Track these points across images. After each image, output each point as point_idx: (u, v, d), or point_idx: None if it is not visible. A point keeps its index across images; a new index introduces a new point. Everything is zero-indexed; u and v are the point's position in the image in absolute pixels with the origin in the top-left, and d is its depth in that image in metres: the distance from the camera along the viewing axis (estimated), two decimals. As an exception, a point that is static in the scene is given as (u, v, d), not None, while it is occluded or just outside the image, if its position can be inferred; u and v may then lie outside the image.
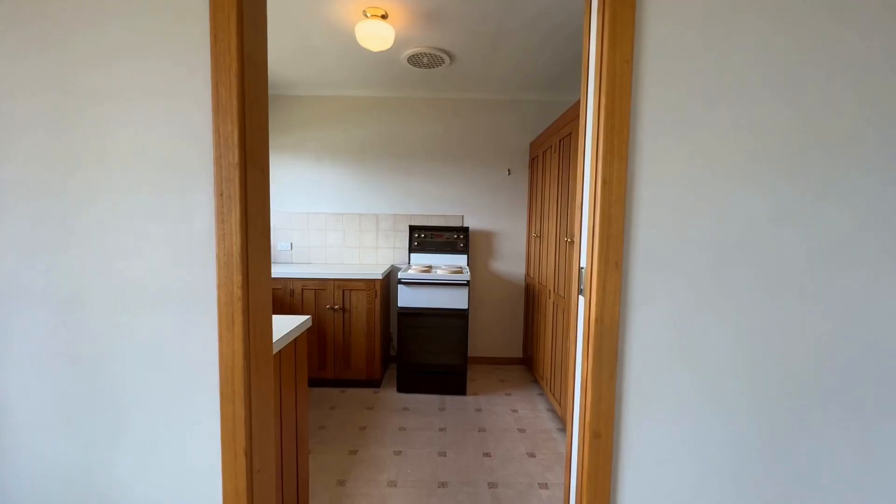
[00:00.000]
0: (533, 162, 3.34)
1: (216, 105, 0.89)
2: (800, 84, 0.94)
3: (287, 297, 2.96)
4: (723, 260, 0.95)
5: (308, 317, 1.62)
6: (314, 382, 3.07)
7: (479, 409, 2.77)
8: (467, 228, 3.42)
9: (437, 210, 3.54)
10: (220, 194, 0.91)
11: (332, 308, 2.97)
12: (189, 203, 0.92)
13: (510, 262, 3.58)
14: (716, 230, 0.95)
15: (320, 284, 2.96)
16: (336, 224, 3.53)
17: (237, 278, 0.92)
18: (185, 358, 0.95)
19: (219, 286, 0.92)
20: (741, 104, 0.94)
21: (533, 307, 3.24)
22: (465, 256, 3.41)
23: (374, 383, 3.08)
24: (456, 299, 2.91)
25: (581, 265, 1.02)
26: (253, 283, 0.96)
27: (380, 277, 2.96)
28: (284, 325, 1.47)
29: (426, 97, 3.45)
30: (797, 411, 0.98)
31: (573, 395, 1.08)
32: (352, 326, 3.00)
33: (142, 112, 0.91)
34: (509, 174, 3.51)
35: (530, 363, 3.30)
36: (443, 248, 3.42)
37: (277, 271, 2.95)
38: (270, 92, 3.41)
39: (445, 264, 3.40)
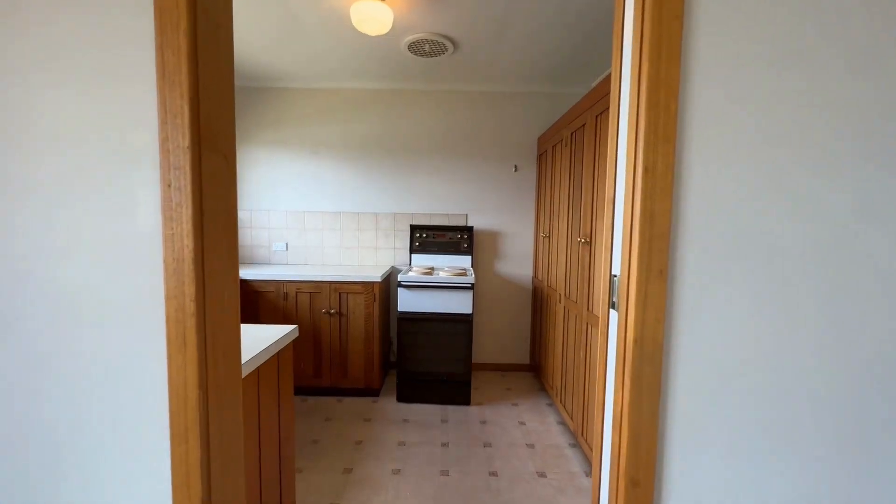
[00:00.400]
0: (541, 158, 3.15)
1: (161, 72, 0.71)
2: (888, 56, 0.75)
3: (280, 300, 2.79)
4: (797, 266, 0.76)
5: (294, 327, 1.45)
6: (309, 391, 2.90)
7: (485, 422, 2.59)
8: (471, 228, 3.24)
9: (440, 209, 3.36)
10: (167, 185, 0.73)
11: (327, 312, 2.79)
12: (130, 196, 0.74)
13: (517, 263, 3.39)
14: (786, 229, 0.76)
15: (315, 287, 2.78)
16: (333, 223, 3.36)
17: (189, 289, 0.74)
18: (129, 387, 0.78)
19: (167, 298, 0.74)
20: (816, 75, 0.75)
21: (541, 311, 3.06)
22: (468, 257, 3.23)
23: (372, 392, 2.91)
24: (460, 303, 2.73)
25: (613, 273, 0.84)
26: (212, 294, 0.78)
27: (378, 280, 2.78)
28: (266, 337, 1.29)
29: (428, 89, 3.27)
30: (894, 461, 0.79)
31: (601, 430, 0.90)
32: (349, 332, 2.83)
33: (73, 80, 0.73)
34: (516, 171, 3.33)
35: (538, 370, 3.12)
36: (446, 248, 3.24)
37: (270, 273, 2.78)
38: (264, 85, 3.24)
39: (448, 266, 3.22)
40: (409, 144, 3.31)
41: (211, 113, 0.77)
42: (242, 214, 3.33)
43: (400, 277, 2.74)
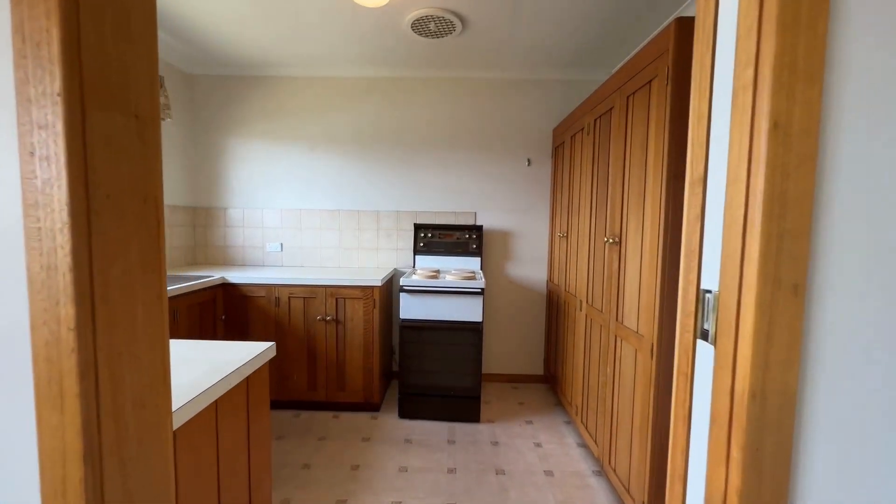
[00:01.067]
0: (557, 150, 2.87)
1: (13, -24, 0.46)
2: None
3: (272, 306, 2.54)
4: None
5: (270, 344, 1.19)
6: (303, 405, 2.65)
7: (496, 443, 2.32)
8: (481, 227, 2.97)
9: (446, 206, 3.10)
10: (28, 153, 0.48)
11: (323, 319, 2.54)
12: (-23, 170, 0.49)
13: (530, 265, 3.12)
14: None
15: (310, 292, 2.53)
16: (332, 222, 3.11)
17: (67, 311, 0.49)
18: (-12, 454, 0.52)
19: (32, 328, 0.49)
20: None
21: (557, 318, 2.78)
22: (478, 259, 2.96)
23: (372, 407, 2.65)
24: (468, 310, 2.46)
25: (705, 287, 0.57)
26: (113, 317, 0.53)
27: (378, 284, 2.53)
28: (231, 359, 1.04)
29: (433, 77, 3.01)
30: None
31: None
32: (347, 341, 2.57)
33: None
34: (529, 165, 3.06)
35: (554, 382, 2.84)
36: (453, 249, 2.97)
37: (260, 276, 2.54)
38: (256, 73, 3.00)
39: (456, 268, 2.96)
40: (413, 137, 3.05)
41: (108, 48, 0.52)
42: (234, 212, 3.10)
43: (402, 281, 2.48)
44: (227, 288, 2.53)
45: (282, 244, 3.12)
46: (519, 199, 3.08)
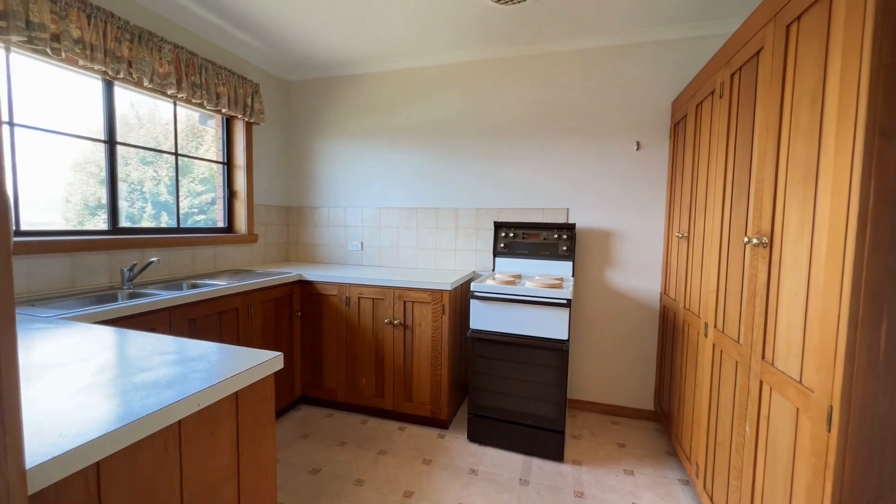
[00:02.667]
0: (677, 127, 2.25)
1: None
2: None
3: (342, 306, 2.48)
4: None
5: (278, 354, 1.01)
6: (371, 412, 2.53)
7: (582, 493, 1.85)
8: (573, 226, 2.50)
9: (532, 202, 2.70)
10: None
11: (391, 323, 2.39)
12: None
13: (637, 273, 2.52)
14: None
15: (378, 293, 2.40)
16: (409, 221, 2.97)
17: None
18: None
19: None
20: None
21: (673, 342, 2.16)
22: (569, 264, 2.50)
23: (439, 423, 2.40)
24: (551, 324, 2.04)
25: None
26: None
27: (448, 289, 2.27)
28: (224, 369, 0.88)
29: (518, 55, 2.65)
30: None
31: None
32: (414, 349, 2.37)
33: None
34: (638, 149, 2.47)
35: (667, 423, 2.22)
36: (538, 251, 2.56)
37: (332, 274, 2.50)
38: (340, 73, 3.02)
39: (541, 273, 2.54)
40: (495, 126, 2.73)
41: None
42: (321, 211, 3.18)
43: (473, 287, 2.18)
44: (303, 285, 2.55)
45: (361, 243, 3.09)
46: (623, 191, 2.52)
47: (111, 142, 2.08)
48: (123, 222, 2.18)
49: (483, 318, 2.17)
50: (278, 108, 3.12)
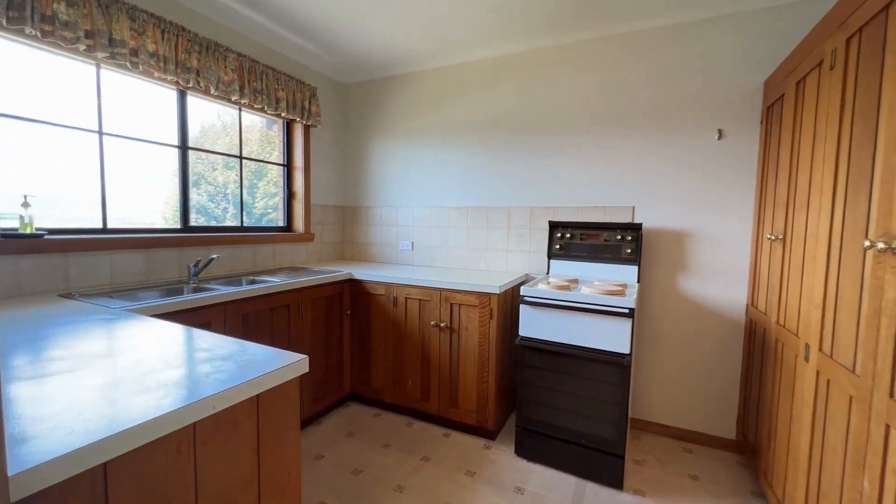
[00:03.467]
0: (772, 109, 1.91)
1: None
2: None
3: (390, 305, 2.46)
4: None
5: (302, 358, 0.98)
6: (418, 415, 2.48)
7: (643, 530, 1.63)
8: (639, 226, 2.24)
9: (592, 200, 2.47)
10: None
11: (437, 325, 2.32)
12: None
13: (717, 280, 2.20)
14: None
15: (425, 294, 2.35)
16: (460, 220, 2.88)
17: None
18: None
19: None
20: None
21: (762, 363, 1.84)
22: (633, 268, 2.24)
23: (486, 433, 2.28)
24: (611, 335, 1.83)
25: None
26: None
27: (496, 292, 2.14)
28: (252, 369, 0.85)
29: (578, 41, 2.44)
30: None
31: None
32: (460, 353, 2.28)
33: None
34: (720, 138, 2.15)
35: (753, 457, 1.89)
36: (598, 253, 2.34)
37: (380, 273, 2.49)
38: (396, 73, 3.02)
39: (601, 278, 2.31)
40: (552, 119, 2.54)
41: None
42: (374, 211, 3.21)
43: (523, 291, 2.04)
44: (353, 284, 2.58)
45: (412, 242, 3.06)
46: (701, 187, 2.20)
47: (183, 147, 2.24)
48: (209, 222, 2.42)
49: (533, 324, 2.01)
50: (335, 110, 3.20)
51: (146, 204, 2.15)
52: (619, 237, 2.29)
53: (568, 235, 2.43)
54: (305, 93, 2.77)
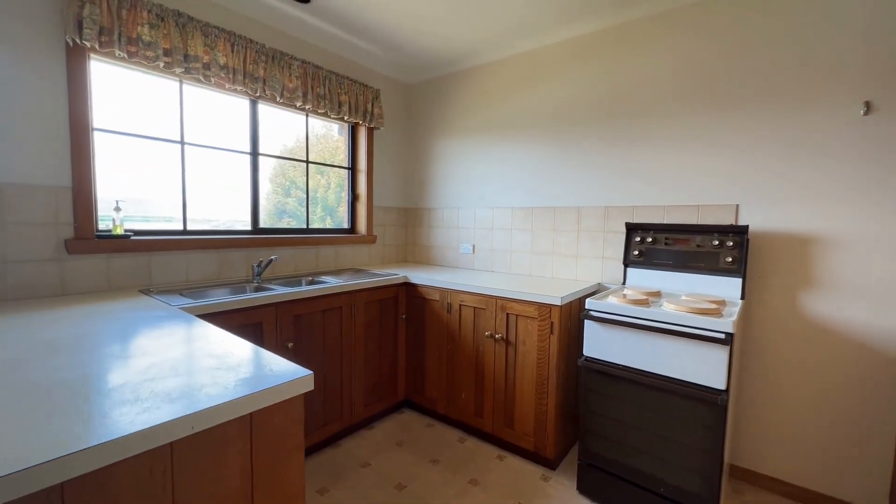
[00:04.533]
0: (954, 67, 1.38)
1: None
2: None
3: (444, 312, 2.34)
4: None
5: (307, 375, 0.89)
6: (471, 431, 2.32)
7: None
8: (744, 229, 1.80)
9: (682, 197, 2.07)
10: None
11: (492, 336, 2.13)
12: None
13: (863, 301, 1.67)
14: None
15: (479, 301, 2.18)
16: (524, 221, 2.65)
17: None
18: None
19: None
20: None
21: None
22: (736, 280, 1.81)
23: (544, 461, 2.03)
24: (699, 364, 1.48)
25: None
26: None
27: (557, 303, 1.89)
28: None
29: (660, 11, 2.06)
30: None
31: None
32: (517, 369, 2.07)
33: None
34: (867, 113, 1.63)
35: (916, 552, 1.37)
36: (689, 262, 1.94)
37: (434, 278, 2.38)
38: (458, 68, 2.89)
39: (691, 292, 1.92)
40: (631, 103, 2.19)
41: None
42: (435, 212, 3.12)
43: (588, 303, 1.76)
44: (408, 288, 2.50)
45: (473, 246, 2.91)
46: (839, 177, 1.70)
47: (254, 153, 2.38)
48: (299, 224, 2.64)
49: (600, 344, 1.72)
50: (399, 111, 3.19)
51: (241, 206, 2.39)
52: (717, 242, 1.87)
53: (650, 240, 2.06)
54: (368, 95, 2.78)
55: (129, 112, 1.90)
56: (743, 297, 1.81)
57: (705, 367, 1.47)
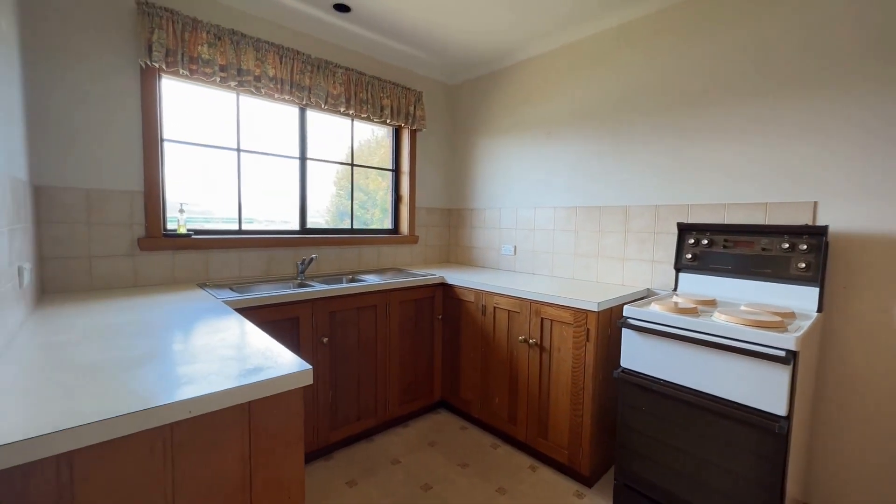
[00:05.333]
0: None
1: None
2: None
3: (479, 314, 2.30)
4: None
5: (306, 369, 0.92)
6: (505, 438, 2.25)
7: None
8: (823, 230, 1.55)
9: (746, 193, 1.83)
10: None
11: (526, 341, 2.05)
12: None
13: (983, 319, 1.34)
14: None
15: (513, 304, 2.11)
16: (566, 222, 2.52)
17: None
18: None
19: None
20: None
21: None
22: (811, 290, 1.56)
23: (578, 477, 1.91)
24: (756, 385, 1.29)
25: None
26: None
27: (594, 309, 1.76)
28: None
29: (732, -19, 1.83)
30: None
31: None
32: (551, 376, 1.97)
33: None
34: None
35: None
36: (752, 267, 1.71)
37: (469, 279, 2.35)
38: (499, 66, 2.83)
39: (753, 301, 1.69)
40: (682, 93, 1.99)
41: None
42: (476, 213, 3.08)
43: (627, 310, 1.62)
44: (445, 288, 2.50)
45: (515, 247, 2.83)
46: (950, 167, 1.38)
47: (302, 158, 2.52)
48: (357, 225, 2.81)
49: (639, 355, 1.58)
50: (441, 113, 3.20)
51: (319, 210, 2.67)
52: (787, 245, 1.62)
53: (705, 242, 1.85)
54: (410, 98, 2.83)
55: (196, 122, 2.11)
56: (820, 310, 1.55)
57: (762, 389, 1.28)
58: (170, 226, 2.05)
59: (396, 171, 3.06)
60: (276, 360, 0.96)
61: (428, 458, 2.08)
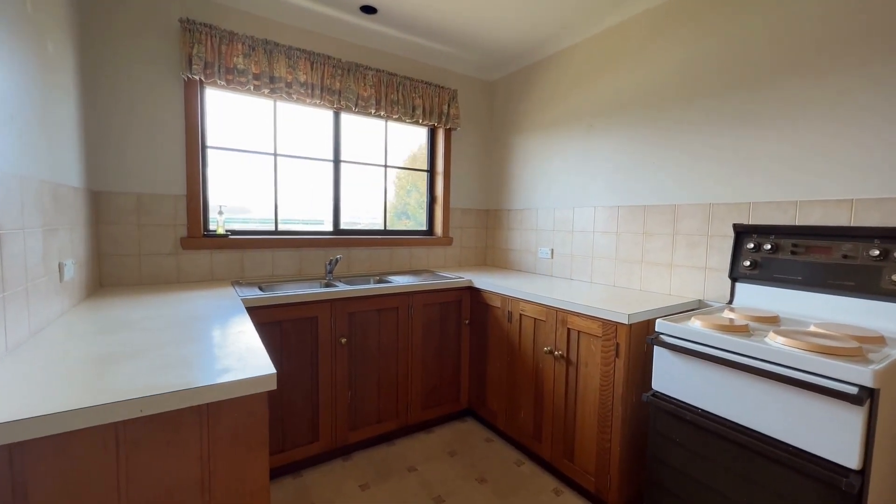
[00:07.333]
0: None
1: None
2: None
3: (505, 320, 2.17)
4: None
5: (269, 374, 0.90)
6: (531, 455, 2.10)
7: None
8: (929, 232, 1.21)
9: (822, 189, 1.50)
10: None
11: (551, 352, 1.89)
12: None
13: None
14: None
15: (539, 312, 1.95)
16: (607, 223, 2.29)
17: None
18: None
19: None
20: None
21: None
22: (911, 310, 1.23)
23: (607, 509, 1.70)
24: (820, 428, 1.04)
25: None
26: None
27: (625, 322, 1.56)
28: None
29: (808, -68, 1.51)
30: None
31: None
32: (578, 393, 1.78)
33: None
34: None
35: None
36: (829, 278, 1.40)
37: (496, 283, 2.22)
38: (534, 59, 2.66)
39: (827, 320, 1.38)
40: (742, 74, 1.69)
41: None
42: (513, 214, 2.93)
43: (660, 325, 1.41)
44: (472, 292, 2.40)
45: (552, 250, 2.64)
46: None
47: (336, 160, 2.58)
48: (394, 225, 2.89)
49: (673, 378, 1.36)
50: (478, 111, 3.10)
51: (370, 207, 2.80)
52: (878, 252, 1.29)
53: (768, 247, 1.55)
54: (444, 97, 2.77)
55: (237, 127, 2.25)
56: (924, 335, 1.21)
57: (827, 433, 1.02)
58: (210, 226, 2.20)
59: (431, 171, 3.02)
60: (247, 363, 0.95)
61: (446, 468, 2.00)
